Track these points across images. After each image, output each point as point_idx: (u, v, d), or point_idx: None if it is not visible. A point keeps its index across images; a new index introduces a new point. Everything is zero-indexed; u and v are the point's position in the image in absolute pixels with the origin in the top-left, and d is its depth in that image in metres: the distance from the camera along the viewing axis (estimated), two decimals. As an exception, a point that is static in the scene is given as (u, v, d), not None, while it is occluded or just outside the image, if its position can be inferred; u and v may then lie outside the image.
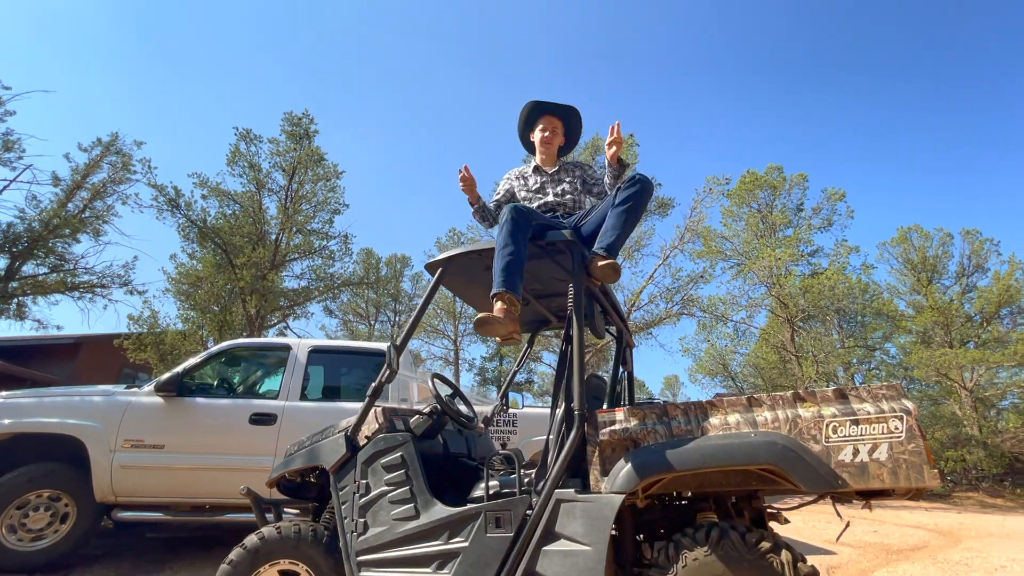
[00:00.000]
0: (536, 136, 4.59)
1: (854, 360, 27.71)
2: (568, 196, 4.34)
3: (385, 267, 38.33)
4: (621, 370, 4.62)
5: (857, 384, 15.39)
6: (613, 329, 4.71)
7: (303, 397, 6.33)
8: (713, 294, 26.65)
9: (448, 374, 35.03)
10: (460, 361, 35.69)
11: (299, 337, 12.38)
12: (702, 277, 24.85)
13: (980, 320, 27.38)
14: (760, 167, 34.18)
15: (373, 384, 3.83)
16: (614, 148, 3.97)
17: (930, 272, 29.29)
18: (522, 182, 4.49)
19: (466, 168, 4.21)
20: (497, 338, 3.41)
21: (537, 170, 4.51)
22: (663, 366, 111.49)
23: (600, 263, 3.66)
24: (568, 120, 4.61)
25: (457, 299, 23.25)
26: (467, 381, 38.08)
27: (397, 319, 38.44)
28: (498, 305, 3.46)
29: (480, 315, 3.36)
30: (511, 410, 7.09)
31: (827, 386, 24.16)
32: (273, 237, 22.07)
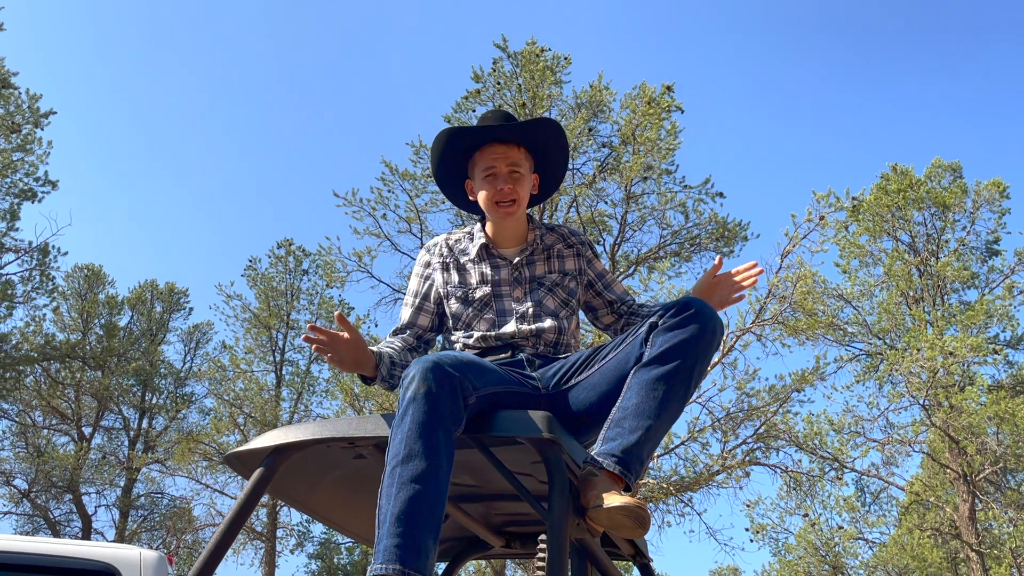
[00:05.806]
0: (477, 183, 2.18)
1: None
2: (549, 321, 2.09)
3: (158, 304, 21.51)
4: None
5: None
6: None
7: None
8: (816, 414, 13.45)
9: None
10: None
11: None
12: (801, 383, 11.90)
13: None
14: (918, 163, 18.86)
15: None
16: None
17: None
18: (454, 278, 2.17)
19: (338, 316, 1.88)
20: None
21: (485, 253, 2.20)
22: (702, 555, 59.19)
23: (608, 501, 1.55)
24: (539, 144, 2.18)
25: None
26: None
27: (145, 428, 21.20)
28: None
29: None
30: None
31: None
32: None
